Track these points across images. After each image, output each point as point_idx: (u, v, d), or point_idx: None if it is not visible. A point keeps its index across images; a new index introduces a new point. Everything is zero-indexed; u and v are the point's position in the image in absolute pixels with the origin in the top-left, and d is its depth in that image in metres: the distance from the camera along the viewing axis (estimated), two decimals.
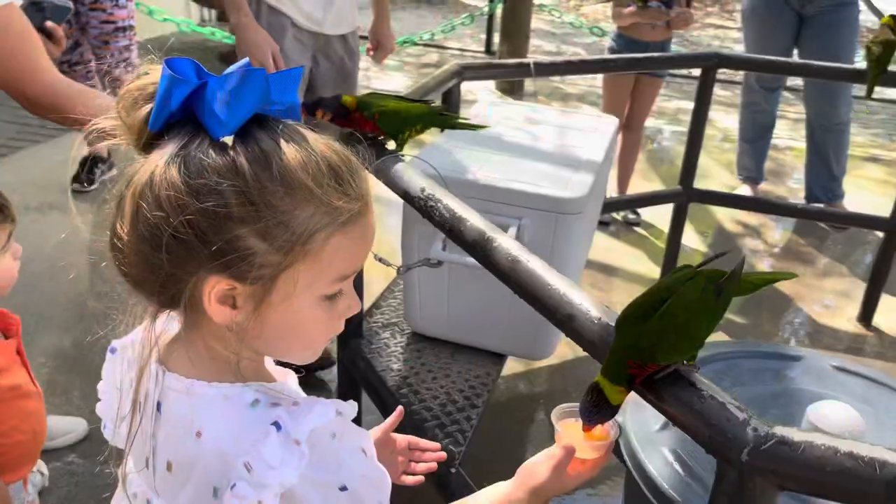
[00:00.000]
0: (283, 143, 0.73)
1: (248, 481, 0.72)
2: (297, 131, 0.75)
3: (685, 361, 0.92)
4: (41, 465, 1.35)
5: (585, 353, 1.03)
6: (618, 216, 3.77)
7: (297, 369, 0.91)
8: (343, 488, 0.77)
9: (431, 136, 1.93)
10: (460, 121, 1.78)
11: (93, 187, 3.70)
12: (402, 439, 1.12)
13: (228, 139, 0.72)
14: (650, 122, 5.16)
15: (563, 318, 1.06)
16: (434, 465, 1.12)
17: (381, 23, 2.66)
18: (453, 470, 1.58)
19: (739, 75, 5.53)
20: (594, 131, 2.14)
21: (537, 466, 0.98)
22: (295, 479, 0.73)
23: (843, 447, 0.80)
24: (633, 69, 2.85)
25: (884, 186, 4.48)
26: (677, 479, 1.19)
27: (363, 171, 0.78)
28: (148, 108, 0.73)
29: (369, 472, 0.80)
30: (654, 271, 3.35)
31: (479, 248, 1.24)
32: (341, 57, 2.58)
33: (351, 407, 0.79)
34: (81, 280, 3.00)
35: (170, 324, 0.83)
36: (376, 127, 1.56)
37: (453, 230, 1.31)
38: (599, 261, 3.40)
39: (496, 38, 6.17)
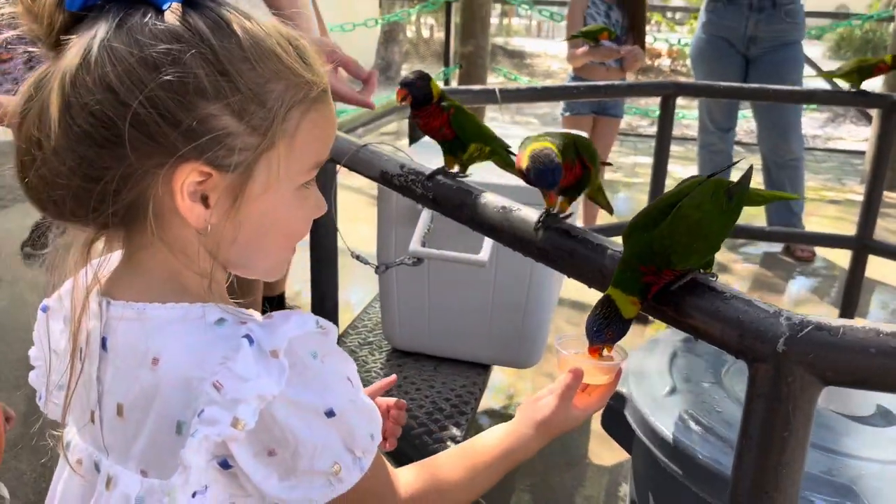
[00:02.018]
0: (237, 14, 0.65)
1: (219, 403, 0.61)
2: (241, 10, 0.67)
3: (701, 270, 0.86)
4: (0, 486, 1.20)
5: None
6: None
7: None
8: (330, 413, 0.65)
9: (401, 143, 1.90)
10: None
11: (46, 251, 3.56)
12: (382, 402, 1.00)
13: (177, 7, 0.62)
14: (609, 176, 5.25)
15: (565, 255, 1.00)
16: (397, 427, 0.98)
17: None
18: None
19: (692, 131, 5.70)
20: None
21: (541, 400, 0.90)
22: (276, 391, 0.62)
23: (885, 328, 0.75)
24: (594, 96, 2.90)
25: (841, 223, 4.58)
26: (695, 437, 1.10)
27: (316, 54, 0.70)
28: None
29: (358, 400, 0.69)
30: None
31: (467, 209, 1.18)
32: None
33: (332, 326, 0.70)
34: (31, 340, 2.89)
35: (107, 264, 0.72)
36: (448, 125, 1.24)
37: (437, 197, 1.25)
38: (572, 299, 3.36)
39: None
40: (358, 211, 3.82)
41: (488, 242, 1.60)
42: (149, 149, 0.62)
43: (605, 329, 0.83)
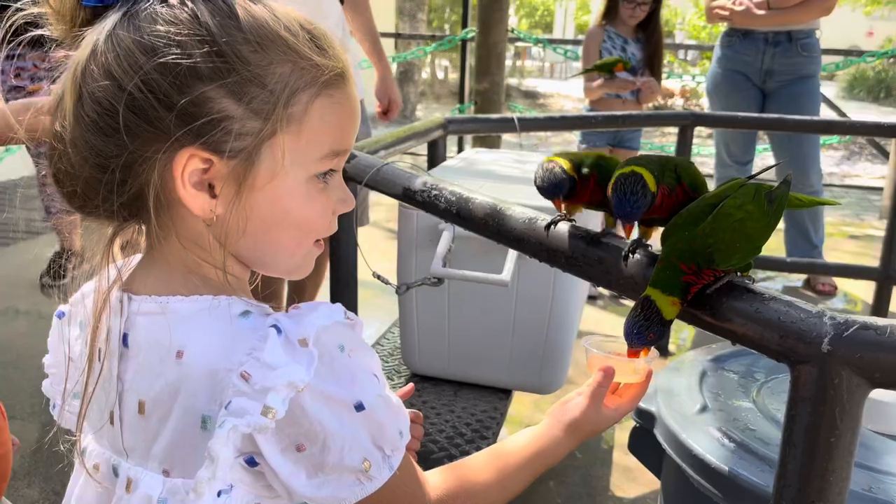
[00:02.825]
0: (245, 0, 0.64)
1: (248, 394, 0.59)
2: None
3: (738, 273, 0.83)
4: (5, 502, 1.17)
5: None
6: (605, 290, 3.72)
7: None
8: (359, 406, 0.63)
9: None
10: None
11: (63, 281, 3.57)
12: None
13: None
14: None
15: (593, 263, 0.98)
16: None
17: (387, 79, 2.52)
18: None
19: (707, 168, 5.69)
20: None
21: (571, 400, 0.87)
22: (306, 378, 0.60)
23: None
24: (612, 126, 2.90)
25: (862, 258, 4.53)
26: (728, 454, 1.07)
27: (336, 40, 0.69)
28: None
29: (385, 396, 0.67)
30: None
31: (492, 220, 1.17)
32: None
33: (360, 319, 0.67)
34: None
35: (130, 264, 0.71)
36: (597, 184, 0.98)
37: (461, 212, 1.24)
38: (591, 331, 3.32)
39: (469, 141, 6.32)
40: (376, 243, 3.81)
41: (510, 263, 1.58)
42: (148, 135, 0.61)
43: (646, 331, 0.80)
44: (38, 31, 0.67)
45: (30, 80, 3.21)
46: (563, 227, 1.07)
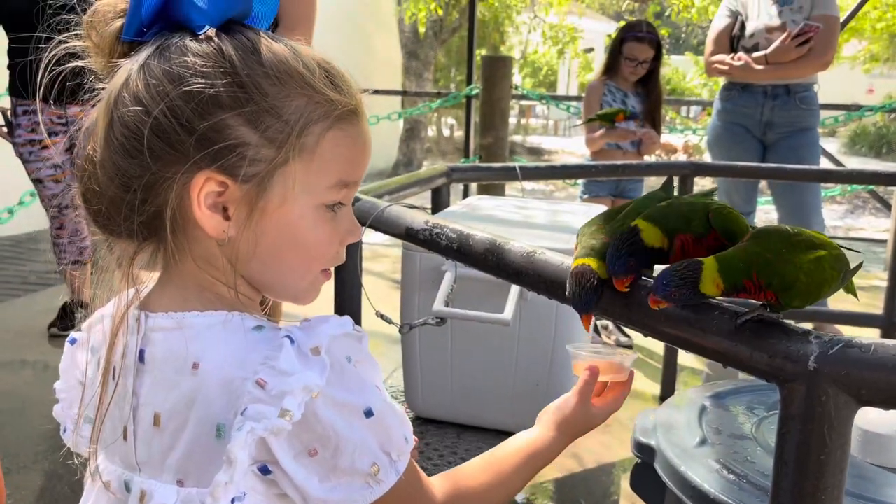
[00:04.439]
0: (268, 39, 0.70)
1: (264, 400, 0.62)
2: (279, 38, 0.71)
3: (768, 309, 0.82)
4: None
5: (594, 466, 0.93)
6: (609, 340, 3.72)
7: None
8: (368, 413, 0.66)
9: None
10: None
11: (71, 333, 3.58)
12: None
13: (211, 31, 0.67)
14: None
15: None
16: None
17: None
18: None
19: None
20: (585, 214, 2.16)
21: (559, 402, 0.91)
22: (320, 383, 0.63)
23: None
24: (613, 175, 2.95)
25: (868, 309, 4.50)
26: (728, 486, 1.07)
27: (352, 79, 0.74)
28: (120, 22, 0.69)
29: (390, 403, 0.70)
30: (653, 388, 3.26)
31: (492, 256, 1.20)
32: None
33: (365, 333, 0.71)
34: (52, 416, 2.88)
35: (145, 286, 0.75)
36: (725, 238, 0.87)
37: (462, 247, 1.27)
38: None
39: (473, 193, 6.40)
40: (382, 294, 3.84)
41: (511, 302, 1.61)
42: (169, 157, 0.66)
43: (675, 288, 0.78)
44: (79, 63, 0.72)
45: (45, 135, 3.31)
46: (556, 256, 1.09)
